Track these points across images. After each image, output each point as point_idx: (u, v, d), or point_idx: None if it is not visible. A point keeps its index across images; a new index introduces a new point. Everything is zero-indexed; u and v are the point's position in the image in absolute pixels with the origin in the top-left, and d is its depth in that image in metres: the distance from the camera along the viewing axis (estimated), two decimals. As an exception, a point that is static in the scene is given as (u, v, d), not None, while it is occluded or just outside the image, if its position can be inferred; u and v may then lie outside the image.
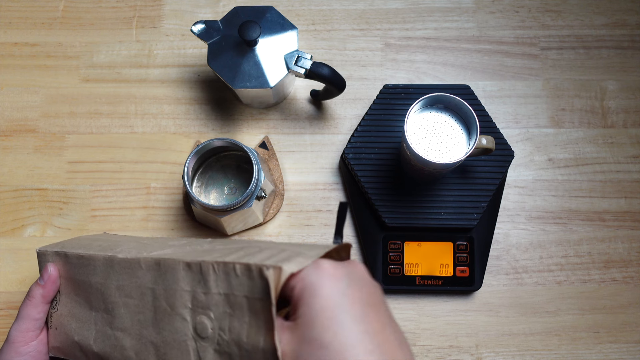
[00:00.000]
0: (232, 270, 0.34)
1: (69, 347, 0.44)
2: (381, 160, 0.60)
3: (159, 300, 0.38)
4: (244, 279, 0.33)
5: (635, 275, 0.62)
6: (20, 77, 0.67)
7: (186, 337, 0.36)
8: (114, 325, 0.41)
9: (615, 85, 0.66)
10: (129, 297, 0.40)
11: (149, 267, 0.39)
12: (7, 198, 0.64)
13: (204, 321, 0.36)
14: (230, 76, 0.56)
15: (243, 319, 0.34)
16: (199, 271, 0.36)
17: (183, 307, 0.37)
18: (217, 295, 0.35)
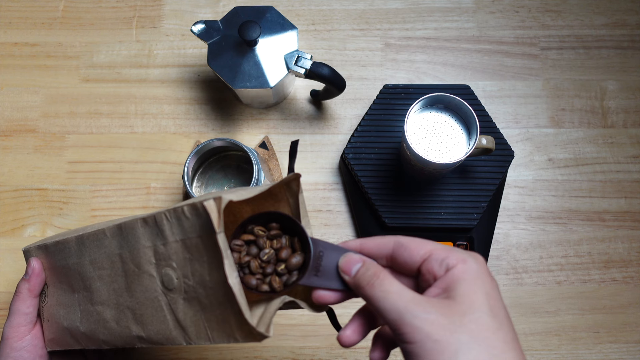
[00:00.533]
0: (181, 214, 0.34)
1: (61, 336, 0.44)
2: (381, 160, 0.60)
3: (127, 264, 0.38)
4: (194, 219, 0.34)
5: (635, 275, 0.62)
6: (20, 77, 0.67)
7: (156, 292, 0.37)
8: (94, 301, 0.41)
9: (615, 85, 0.66)
10: (102, 268, 0.40)
11: (113, 233, 0.39)
12: (7, 198, 0.64)
13: (169, 272, 0.36)
14: (230, 76, 0.56)
15: (202, 259, 0.34)
16: (154, 224, 0.36)
17: (148, 264, 0.37)
18: (174, 243, 0.35)
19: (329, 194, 0.64)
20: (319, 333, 0.61)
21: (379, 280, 0.32)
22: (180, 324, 0.36)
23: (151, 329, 0.38)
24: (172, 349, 0.60)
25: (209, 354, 0.60)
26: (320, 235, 0.63)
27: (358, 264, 0.34)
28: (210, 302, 0.34)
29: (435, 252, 0.33)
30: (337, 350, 0.60)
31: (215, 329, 0.35)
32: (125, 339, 0.40)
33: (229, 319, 0.34)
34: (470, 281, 0.31)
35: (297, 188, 0.38)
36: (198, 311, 0.35)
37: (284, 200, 0.39)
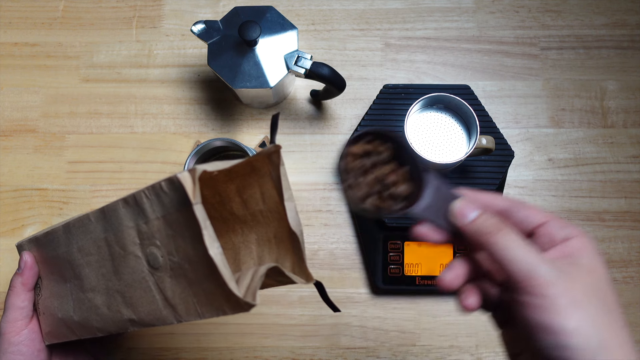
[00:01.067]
0: (160, 189, 0.34)
1: (57, 328, 0.44)
2: (381, 160, 0.60)
3: (112, 247, 0.38)
4: (172, 193, 0.34)
5: (635, 275, 0.62)
6: (20, 77, 0.67)
7: (143, 273, 0.37)
8: (84, 288, 0.41)
9: (615, 85, 0.66)
10: (89, 254, 0.40)
11: (97, 218, 0.39)
12: (7, 198, 0.64)
13: (154, 251, 0.36)
14: (230, 76, 0.56)
15: (184, 234, 0.34)
16: (135, 203, 0.36)
17: (133, 245, 0.37)
18: (156, 220, 0.35)
19: (329, 194, 0.64)
20: (319, 333, 0.61)
21: (504, 229, 0.32)
22: (169, 302, 0.36)
23: (142, 311, 0.38)
24: (171, 348, 0.60)
25: (209, 354, 0.60)
26: (320, 235, 0.63)
27: (476, 211, 0.34)
28: (197, 276, 0.34)
29: (554, 219, 0.34)
30: (337, 350, 0.60)
31: (204, 304, 0.34)
32: (118, 323, 0.39)
33: (215, 292, 0.33)
34: (593, 255, 0.33)
35: (277, 160, 0.37)
36: (185, 287, 0.35)
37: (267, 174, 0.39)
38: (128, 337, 0.61)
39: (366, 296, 0.62)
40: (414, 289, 0.60)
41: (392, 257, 0.60)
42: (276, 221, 0.40)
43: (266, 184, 0.39)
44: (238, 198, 0.41)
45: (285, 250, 0.40)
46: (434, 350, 0.60)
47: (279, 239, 0.41)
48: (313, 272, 0.62)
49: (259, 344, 0.60)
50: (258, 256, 0.42)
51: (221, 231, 0.43)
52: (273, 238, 0.41)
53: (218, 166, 0.34)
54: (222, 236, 0.43)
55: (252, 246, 0.43)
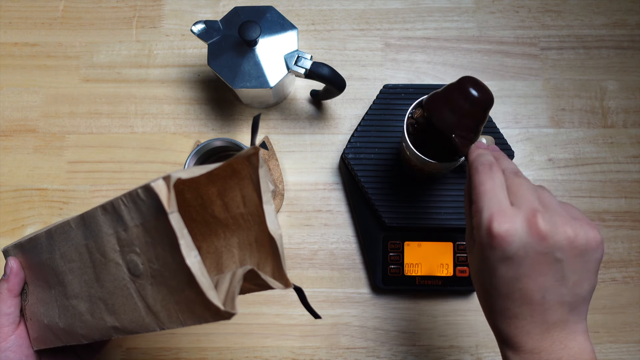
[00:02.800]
0: (137, 197, 0.33)
1: (44, 334, 0.44)
2: (381, 160, 0.60)
3: (93, 254, 0.38)
4: (149, 201, 0.33)
5: (635, 275, 0.62)
6: (20, 77, 0.67)
7: (124, 280, 0.36)
8: (68, 295, 0.41)
9: (615, 85, 0.66)
10: (71, 261, 0.40)
11: (77, 224, 0.38)
12: (7, 198, 0.64)
13: (134, 259, 0.35)
14: (230, 76, 0.56)
15: (163, 241, 0.33)
16: (113, 210, 0.35)
17: (113, 252, 0.36)
18: (135, 228, 0.34)
19: (329, 194, 0.64)
20: (319, 333, 0.61)
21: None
22: (151, 309, 0.36)
23: (124, 318, 0.37)
24: (171, 348, 0.60)
25: (209, 354, 0.60)
26: (320, 235, 0.63)
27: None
28: (178, 284, 0.34)
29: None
30: (337, 350, 0.60)
31: (186, 311, 0.34)
32: (102, 330, 0.39)
33: (196, 300, 0.33)
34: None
35: (256, 162, 0.37)
36: (167, 295, 0.35)
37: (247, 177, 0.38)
38: (128, 337, 0.61)
39: (366, 296, 0.62)
40: (414, 289, 0.60)
41: (392, 257, 0.60)
42: (257, 225, 0.40)
43: (247, 187, 0.39)
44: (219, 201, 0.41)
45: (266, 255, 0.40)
46: (434, 350, 0.60)
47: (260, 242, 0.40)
48: (313, 272, 0.62)
49: (259, 344, 0.60)
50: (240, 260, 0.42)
51: (204, 234, 0.43)
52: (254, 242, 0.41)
53: (195, 172, 0.33)
54: (205, 240, 0.43)
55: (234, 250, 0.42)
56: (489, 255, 0.35)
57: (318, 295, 0.61)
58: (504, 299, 0.35)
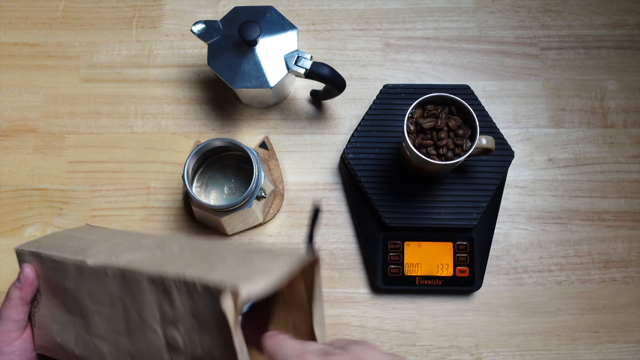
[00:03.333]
0: (193, 288, 0.33)
1: (53, 348, 0.44)
2: (381, 160, 0.60)
3: (129, 311, 0.37)
4: (206, 296, 0.32)
5: (635, 275, 0.62)
6: (20, 77, 0.67)
7: (160, 347, 0.36)
8: (90, 332, 0.40)
9: (615, 85, 0.66)
10: (101, 305, 0.39)
11: (115, 276, 0.37)
12: (7, 198, 0.64)
13: (175, 335, 0.35)
14: (230, 76, 0.56)
15: (212, 333, 0.33)
16: (162, 286, 0.34)
17: (152, 319, 0.36)
18: (182, 310, 0.34)
19: (329, 194, 0.64)
20: (319, 333, 0.61)
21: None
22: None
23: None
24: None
25: (209, 354, 0.60)
26: (320, 235, 0.63)
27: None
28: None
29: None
30: (337, 350, 0.60)
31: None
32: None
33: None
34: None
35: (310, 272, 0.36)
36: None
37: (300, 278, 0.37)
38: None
39: (366, 296, 0.62)
40: (414, 289, 0.60)
41: (392, 257, 0.60)
42: (300, 315, 0.39)
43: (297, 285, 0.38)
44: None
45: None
46: (434, 350, 0.60)
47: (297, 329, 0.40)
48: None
49: (259, 344, 0.60)
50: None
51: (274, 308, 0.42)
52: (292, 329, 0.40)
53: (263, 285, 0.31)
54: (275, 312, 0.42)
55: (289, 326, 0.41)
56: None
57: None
58: None
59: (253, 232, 0.63)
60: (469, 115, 0.51)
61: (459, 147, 0.51)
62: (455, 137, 0.51)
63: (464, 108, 0.51)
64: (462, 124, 0.52)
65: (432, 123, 0.51)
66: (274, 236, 0.62)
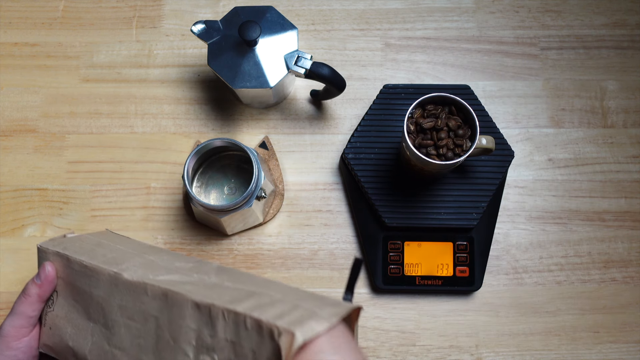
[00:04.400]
0: (242, 322, 0.33)
1: (62, 350, 0.44)
2: (381, 160, 0.60)
3: (162, 330, 0.37)
4: (254, 333, 0.33)
5: (635, 275, 0.62)
6: (20, 77, 0.67)
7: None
8: (112, 342, 0.40)
9: (615, 85, 0.66)
10: (131, 319, 0.39)
11: (155, 295, 0.38)
12: (7, 198, 0.64)
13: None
14: (230, 76, 0.56)
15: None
16: (207, 314, 0.35)
17: (187, 344, 0.36)
18: (223, 340, 0.34)
19: (329, 194, 0.64)
20: (319, 333, 0.61)
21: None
22: None
23: None
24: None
25: (209, 354, 0.60)
26: (320, 235, 0.63)
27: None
28: None
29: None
30: (337, 350, 0.60)
31: None
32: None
33: None
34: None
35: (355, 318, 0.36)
36: None
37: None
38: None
39: (366, 296, 0.62)
40: (414, 289, 0.60)
41: (392, 257, 0.60)
42: None
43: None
44: None
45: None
46: (434, 350, 0.60)
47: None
48: (313, 272, 0.62)
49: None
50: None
51: None
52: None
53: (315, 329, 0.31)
54: None
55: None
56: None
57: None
58: None
59: (253, 232, 0.63)
60: (469, 115, 0.51)
61: (459, 147, 0.51)
62: (455, 137, 0.51)
63: (464, 108, 0.51)
64: (462, 124, 0.52)
65: (432, 123, 0.51)
66: (274, 236, 0.63)
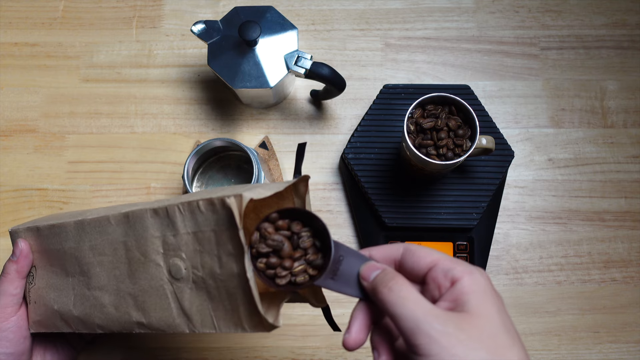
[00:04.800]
0: (196, 208, 0.35)
1: (49, 318, 0.45)
2: (381, 160, 0.60)
3: (131, 252, 0.39)
4: (209, 214, 0.35)
5: (635, 275, 0.62)
6: (20, 77, 0.67)
7: (162, 281, 0.38)
8: (91, 286, 0.42)
9: (615, 85, 0.66)
10: (103, 254, 0.41)
11: (118, 221, 0.39)
12: (7, 198, 0.64)
13: (177, 263, 0.37)
14: (230, 76, 0.56)
15: (213, 252, 0.35)
16: (165, 215, 0.37)
17: (155, 253, 0.38)
18: (185, 235, 0.36)
19: (329, 194, 0.64)
20: (319, 333, 0.61)
21: (397, 285, 0.31)
22: (185, 312, 0.37)
23: (153, 316, 0.38)
24: (171, 348, 0.60)
25: (209, 354, 0.60)
26: (320, 235, 0.63)
27: (377, 270, 0.33)
28: (219, 293, 0.35)
29: (441, 261, 0.32)
30: (337, 350, 0.60)
31: (222, 319, 0.36)
32: (124, 324, 0.40)
33: (238, 310, 0.35)
34: (479, 295, 0.31)
35: (304, 190, 0.38)
36: (205, 300, 0.36)
37: (289, 199, 0.39)
38: (128, 337, 0.61)
39: (366, 296, 0.61)
40: (414, 289, 0.60)
41: (392, 257, 0.60)
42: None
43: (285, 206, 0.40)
44: (253, 214, 0.41)
45: None
46: (434, 350, 0.60)
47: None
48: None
49: (259, 344, 0.60)
50: None
51: None
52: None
53: (261, 194, 0.34)
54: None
55: None
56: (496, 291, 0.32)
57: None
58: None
59: (253, 232, 0.63)
60: (469, 115, 0.51)
61: (459, 147, 0.51)
62: (455, 137, 0.51)
63: (464, 108, 0.51)
64: (462, 124, 0.52)
65: (432, 123, 0.51)
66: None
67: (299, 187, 0.38)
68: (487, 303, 0.31)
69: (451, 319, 0.30)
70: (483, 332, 0.29)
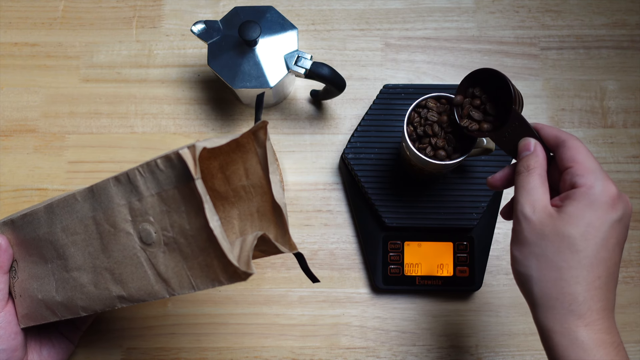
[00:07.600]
0: (155, 167, 0.35)
1: (36, 310, 0.45)
2: (381, 160, 0.60)
3: (101, 225, 0.39)
4: (169, 170, 0.35)
5: (635, 275, 0.62)
6: (20, 77, 0.67)
7: (134, 249, 0.38)
8: (69, 268, 0.41)
9: (615, 85, 0.66)
10: (75, 234, 0.40)
11: (84, 197, 0.39)
12: (7, 198, 0.64)
13: (147, 227, 0.37)
14: (230, 76, 0.56)
15: (180, 209, 0.35)
16: (127, 181, 0.37)
17: (124, 222, 0.38)
18: (150, 197, 0.36)
19: (329, 194, 0.64)
20: (319, 333, 0.61)
21: (528, 175, 0.37)
22: (162, 276, 0.37)
23: (132, 287, 0.38)
24: (172, 348, 0.60)
25: (209, 354, 0.60)
26: (320, 235, 0.63)
27: (528, 151, 0.39)
28: (192, 250, 0.35)
29: (578, 165, 0.36)
30: (337, 350, 0.60)
31: (199, 276, 0.36)
32: (105, 301, 0.40)
33: (212, 264, 0.35)
34: (583, 203, 0.34)
35: (264, 136, 0.38)
36: (180, 261, 0.36)
37: (252, 151, 0.40)
38: (128, 337, 0.61)
39: (366, 296, 0.62)
40: (414, 289, 0.60)
41: (392, 257, 0.60)
42: (259, 195, 0.42)
43: (250, 160, 0.41)
44: (220, 174, 0.42)
45: (268, 223, 0.42)
46: (434, 350, 0.60)
47: (262, 212, 0.42)
48: (313, 271, 0.62)
49: (259, 344, 0.60)
50: (240, 230, 0.44)
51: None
52: (256, 212, 0.43)
53: (214, 142, 0.35)
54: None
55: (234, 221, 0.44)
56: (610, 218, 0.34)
57: (318, 295, 0.61)
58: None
59: (253, 232, 0.63)
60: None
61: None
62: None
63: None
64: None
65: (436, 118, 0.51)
66: (274, 236, 0.63)
67: (259, 135, 0.39)
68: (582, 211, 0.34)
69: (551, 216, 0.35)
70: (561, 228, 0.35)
